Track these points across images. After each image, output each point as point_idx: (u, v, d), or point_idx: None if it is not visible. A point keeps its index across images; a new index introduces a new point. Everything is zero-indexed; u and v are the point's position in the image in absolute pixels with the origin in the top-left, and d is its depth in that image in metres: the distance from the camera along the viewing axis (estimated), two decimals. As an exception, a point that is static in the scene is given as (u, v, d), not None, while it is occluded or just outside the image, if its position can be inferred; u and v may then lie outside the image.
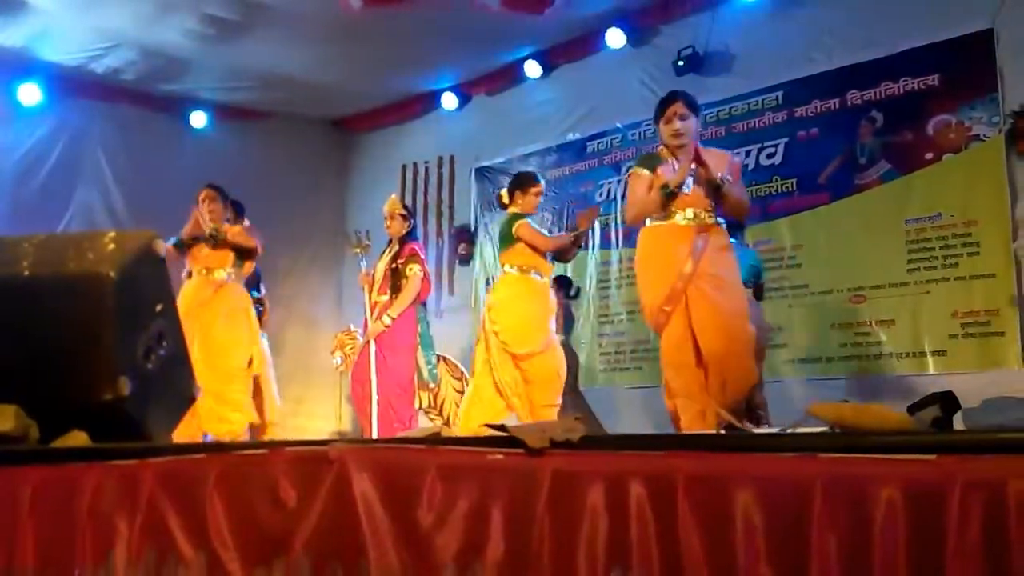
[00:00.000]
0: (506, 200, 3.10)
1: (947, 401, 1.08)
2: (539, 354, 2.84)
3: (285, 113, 5.33)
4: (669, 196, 2.31)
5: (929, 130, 3.54)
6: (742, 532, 0.84)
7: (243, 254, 3.26)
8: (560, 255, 3.08)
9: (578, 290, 4.39)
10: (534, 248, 2.95)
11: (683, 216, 2.31)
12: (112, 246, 1.34)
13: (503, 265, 3.03)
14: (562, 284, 4.30)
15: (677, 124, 2.34)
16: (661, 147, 2.46)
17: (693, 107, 2.42)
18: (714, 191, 2.31)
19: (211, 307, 3.12)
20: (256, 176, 3.31)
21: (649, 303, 2.32)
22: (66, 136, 4.77)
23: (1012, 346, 3.22)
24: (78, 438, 1.17)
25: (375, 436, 3.02)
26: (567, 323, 4.17)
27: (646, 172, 2.41)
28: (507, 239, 2.99)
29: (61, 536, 0.97)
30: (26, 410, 1.15)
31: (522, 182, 3.12)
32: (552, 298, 3.06)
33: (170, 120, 5.06)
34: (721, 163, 2.39)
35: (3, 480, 1.02)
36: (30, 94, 4.59)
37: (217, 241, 3.14)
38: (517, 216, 3.01)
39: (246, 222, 3.46)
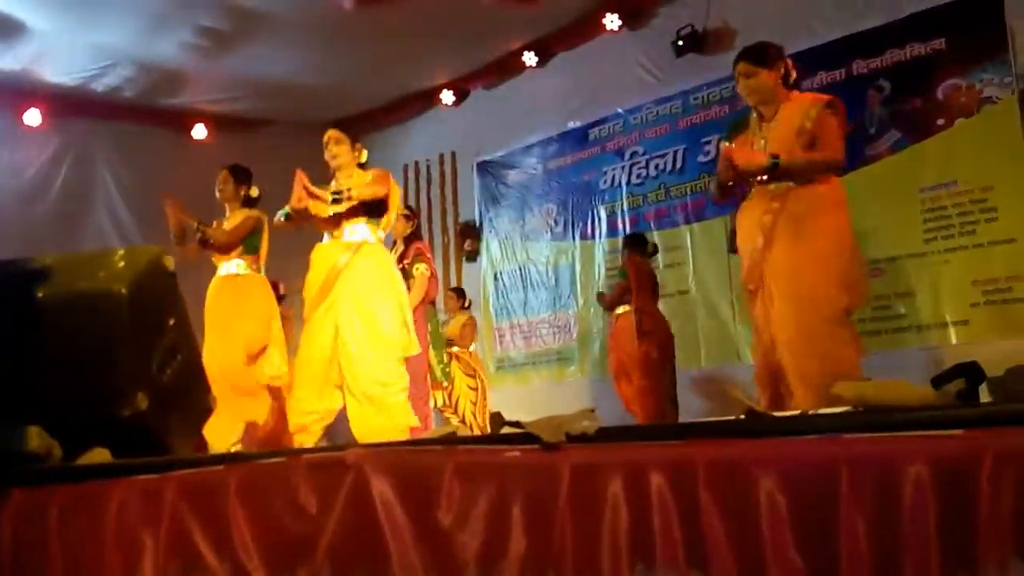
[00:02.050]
0: None
1: (972, 372, 1.06)
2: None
3: (283, 120, 5.34)
4: (724, 189, 2.22)
5: (939, 95, 3.47)
6: (767, 518, 0.83)
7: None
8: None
9: (470, 303, 4.37)
10: None
11: (756, 188, 2.16)
12: (123, 263, 1.34)
13: None
14: (459, 295, 4.30)
15: (741, 85, 2.21)
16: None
17: (761, 59, 2.18)
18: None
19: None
20: (259, 184, 3.30)
21: (742, 284, 2.24)
22: (71, 156, 4.82)
23: (1036, 312, 3.16)
24: (100, 455, 1.18)
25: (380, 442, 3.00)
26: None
27: (727, 145, 2.27)
28: None
29: (89, 552, 0.98)
30: (47, 430, 1.17)
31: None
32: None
33: (172, 134, 5.09)
34: (796, 113, 2.14)
35: (30, 500, 1.04)
36: (33, 117, 4.64)
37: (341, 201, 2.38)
38: None
39: (255, 191, 3.09)
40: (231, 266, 2.96)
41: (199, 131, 5.19)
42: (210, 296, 2.97)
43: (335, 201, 2.43)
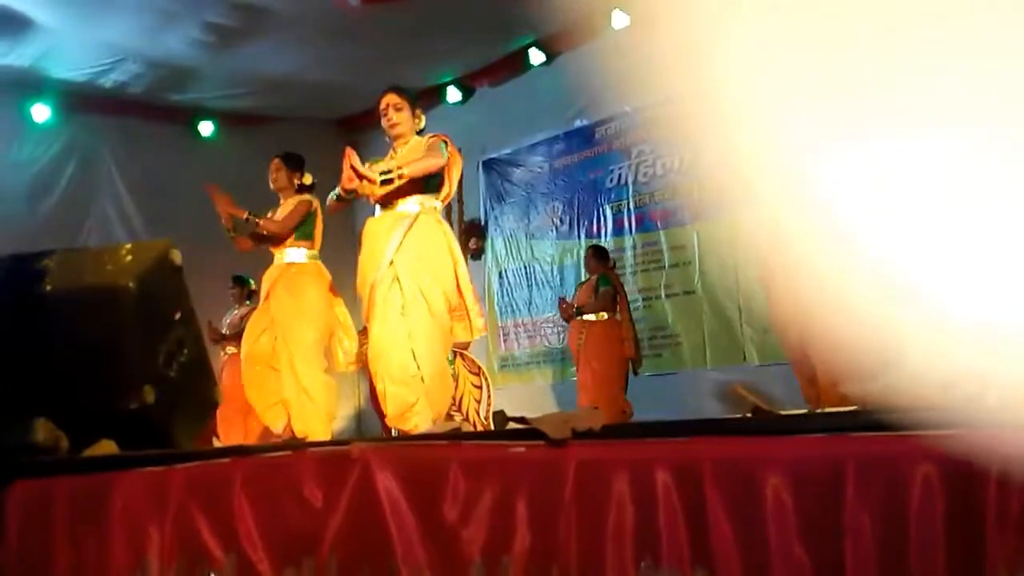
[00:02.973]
0: None
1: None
2: None
3: (290, 116, 5.35)
4: None
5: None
6: (773, 515, 0.82)
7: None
8: None
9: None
10: None
11: None
12: (129, 258, 1.35)
13: None
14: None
15: None
16: None
17: None
18: None
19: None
20: (265, 181, 3.31)
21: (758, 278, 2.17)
22: (79, 151, 4.85)
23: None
24: (107, 447, 1.18)
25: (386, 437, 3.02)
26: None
27: None
28: None
29: (95, 544, 0.98)
30: (55, 422, 1.17)
31: None
32: None
33: (178, 130, 5.11)
34: None
35: (37, 491, 1.04)
36: (41, 112, 4.66)
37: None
38: None
39: (308, 178, 3.02)
40: (286, 254, 2.90)
41: (206, 127, 5.20)
42: (265, 285, 2.93)
43: (384, 182, 2.17)
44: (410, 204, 2.28)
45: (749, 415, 1.03)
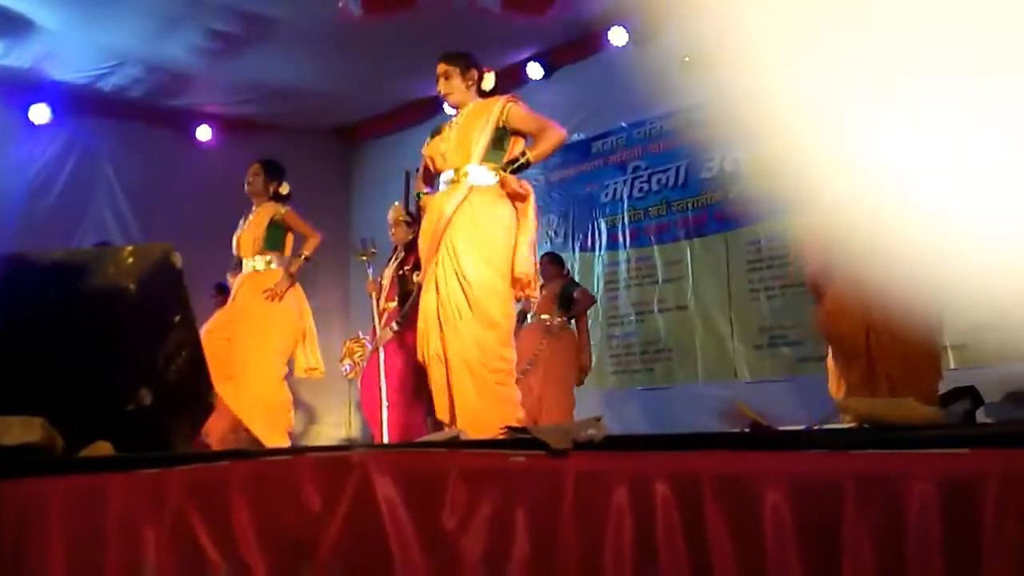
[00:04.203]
0: None
1: (972, 395, 1.07)
2: None
3: (288, 124, 5.37)
4: None
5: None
6: (772, 531, 0.83)
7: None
8: None
9: None
10: None
11: None
12: (131, 260, 1.35)
13: None
14: None
15: None
16: None
17: None
18: None
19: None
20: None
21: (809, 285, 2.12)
22: (76, 153, 4.84)
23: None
24: (102, 448, 1.17)
25: (386, 443, 3.00)
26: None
27: None
28: None
29: (89, 547, 0.97)
30: (52, 422, 1.16)
31: None
32: None
33: (176, 135, 5.11)
34: None
35: (31, 491, 1.03)
36: (40, 113, 4.65)
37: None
38: None
39: (285, 188, 3.05)
40: (255, 262, 2.96)
41: (203, 132, 5.21)
42: (234, 291, 2.97)
43: (517, 169, 2.14)
44: (469, 178, 2.18)
45: (747, 430, 1.04)
